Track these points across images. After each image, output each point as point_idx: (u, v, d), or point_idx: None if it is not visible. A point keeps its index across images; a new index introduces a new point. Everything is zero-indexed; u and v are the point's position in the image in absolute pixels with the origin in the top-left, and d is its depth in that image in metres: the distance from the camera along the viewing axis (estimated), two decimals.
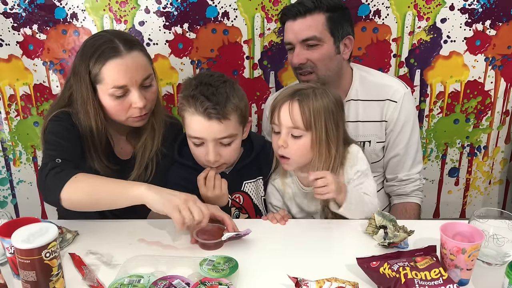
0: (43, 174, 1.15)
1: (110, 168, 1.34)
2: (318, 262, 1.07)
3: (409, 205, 1.55)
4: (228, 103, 1.23)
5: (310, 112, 1.20)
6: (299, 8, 1.41)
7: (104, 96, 1.27)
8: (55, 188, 1.12)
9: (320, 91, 1.23)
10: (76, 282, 1.01)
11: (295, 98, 1.22)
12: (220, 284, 0.92)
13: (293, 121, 1.21)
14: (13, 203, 2.04)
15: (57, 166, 1.15)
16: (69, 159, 1.20)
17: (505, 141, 2.00)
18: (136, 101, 1.26)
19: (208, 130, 1.24)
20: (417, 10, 1.77)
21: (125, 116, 1.30)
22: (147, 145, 1.38)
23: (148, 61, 1.31)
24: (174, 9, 1.75)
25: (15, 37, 1.78)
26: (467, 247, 0.93)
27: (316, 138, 1.22)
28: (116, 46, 1.23)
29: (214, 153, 1.26)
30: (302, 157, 1.25)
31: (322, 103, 1.21)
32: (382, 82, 1.52)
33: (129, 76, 1.24)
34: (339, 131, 1.25)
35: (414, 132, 1.53)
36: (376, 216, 1.16)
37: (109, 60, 1.22)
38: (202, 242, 1.12)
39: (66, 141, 1.24)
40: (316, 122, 1.20)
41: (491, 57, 1.83)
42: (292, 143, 1.23)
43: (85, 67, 1.25)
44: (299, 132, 1.22)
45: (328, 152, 1.23)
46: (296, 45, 1.43)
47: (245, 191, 1.38)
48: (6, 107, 1.89)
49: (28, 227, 0.93)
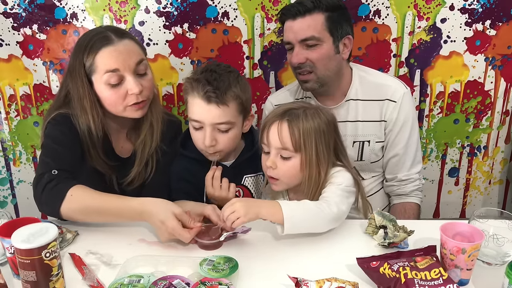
0: (39, 188, 1.16)
1: (110, 166, 1.34)
2: (318, 262, 1.07)
3: (408, 205, 1.55)
4: (229, 90, 1.26)
5: (299, 133, 1.17)
6: (298, 8, 1.41)
7: (100, 86, 1.27)
8: (52, 204, 1.14)
9: (312, 111, 1.21)
10: (76, 282, 1.01)
11: (284, 118, 1.19)
12: (220, 284, 0.92)
13: (282, 142, 1.19)
14: (13, 203, 2.04)
15: (53, 179, 1.16)
16: (66, 168, 1.20)
17: (505, 141, 2.00)
18: (132, 87, 1.26)
19: (206, 113, 1.27)
20: (417, 10, 1.77)
21: (123, 105, 1.29)
22: (146, 141, 1.39)
23: (140, 48, 1.32)
24: (174, 9, 1.75)
25: (15, 37, 1.78)
26: (467, 247, 0.93)
27: (306, 159, 1.19)
28: (107, 36, 1.25)
29: (210, 138, 1.28)
30: (291, 179, 1.23)
31: (313, 124, 1.18)
32: (382, 82, 1.52)
33: (121, 59, 1.25)
34: (329, 153, 1.22)
35: (414, 132, 1.52)
36: (376, 216, 1.16)
37: (102, 48, 1.24)
38: (201, 243, 1.12)
39: (63, 147, 1.25)
40: (306, 143, 1.18)
41: (491, 57, 1.83)
42: (281, 164, 1.21)
43: (79, 61, 1.26)
44: (288, 153, 1.19)
45: (318, 174, 1.20)
46: (295, 44, 1.43)
47: (245, 185, 1.39)
48: (6, 107, 1.89)
49: (28, 227, 0.93)
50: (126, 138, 1.43)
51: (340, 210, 1.13)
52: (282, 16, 1.46)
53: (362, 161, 1.55)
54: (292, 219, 1.08)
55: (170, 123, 1.47)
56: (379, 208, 1.35)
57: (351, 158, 1.54)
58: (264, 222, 1.26)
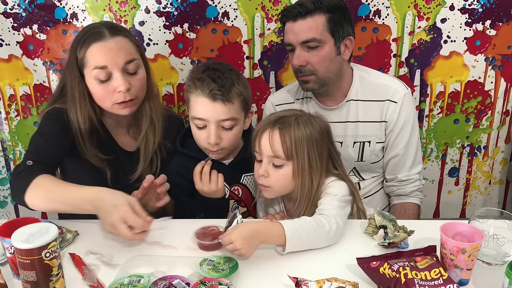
0: (13, 177, 1.19)
1: (102, 159, 1.35)
2: (318, 262, 1.07)
3: (408, 206, 1.55)
4: (233, 87, 1.27)
5: (291, 140, 1.16)
6: (299, 9, 1.40)
7: (90, 81, 1.29)
8: (19, 191, 1.15)
9: (304, 119, 1.20)
10: (76, 282, 1.01)
11: (276, 126, 1.19)
12: (220, 284, 0.92)
13: (273, 150, 1.18)
14: (13, 203, 2.04)
15: (25, 169, 1.17)
16: (42, 160, 1.22)
17: (505, 141, 2.00)
18: (118, 85, 1.27)
19: (212, 111, 1.27)
20: (417, 10, 1.77)
21: (111, 102, 1.31)
22: (148, 137, 1.40)
23: (134, 47, 1.32)
24: (174, 9, 1.75)
25: (15, 37, 1.78)
26: (467, 247, 0.93)
27: (298, 167, 1.18)
28: (101, 31, 1.27)
29: (215, 136, 1.29)
30: (284, 187, 1.22)
31: (305, 132, 1.17)
32: (382, 83, 1.52)
33: (110, 57, 1.26)
34: (322, 161, 1.21)
35: (414, 133, 1.52)
36: (376, 216, 1.16)
37: (92, 44, 1.26)
38: (201, 244, 1.12)
39: (46, 140, 1.26)
40: (297, 151, 1.17)
41: (491, 57, 1.83)
42: (273, 172, 1.20)
43: (73, 54, 1.29)
44: (280, 162, 1.19)
45: (310, 182, 1.20)
46: (296, 46, 1.43)
47: (243, 183, 1.39)
48: (6, 107, 1.89)
49: (28, 227, 0.93)
50: (128, 134, 1.44)
51: (338, 226, 1.12)
52: (283, 18, 1.46)
53: (362, 161, 1.55)
54: (292, 241, 1.06)
55: (172, 119, 1.49)
56: (380, 208, 1.35)
57: (352, 158, 1.54)
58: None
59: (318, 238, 1.10)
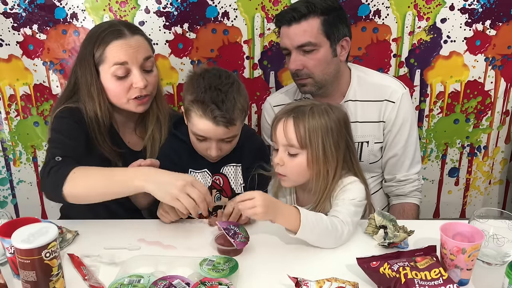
0: (44, 173, 1.18)
1: (118, 152, 1.36)
2: (318, 262, 1.07)
3: (407, 206, 1.55)
4: (236, 109, 1.26)
5: (305, 129, 1.16)
6: (293, 13, 1.39)
7: (106, 77, 1.31)
8: (56, 186, 1.14)
9: (320, 109, 1.19)
10: (76, 282, 1.01)
11: (290, 116, 1.19)
12: (220, 284, 0.92)
13: (287, 139, 1.18)
14: (13, 203, 2.04)
15: (56, 165, 1.17)
16: (71, 155, 1.22)
17: (505, 141, 2.00)
18: (137, 81, 1.30)
19: (214, 132, 1.26)
20: (417, 10, 1.76)
21: (126, 98, 1.33)
22: (155, 136, 1.43)
23: (150, 46, 1.37)
24: (174, 9, 1.75)
25: (15, 37, 1.78)
26: (467, 247, 0.93)
27: (313, 156, 1.18)
28: (120, 29, 1.30)
29: (216, 150, 1.30)
30: (299, 176, 1.22)
31: (320, 121, 1.17)
32: (380, 83, 1.52)
33: (130, 53, 1.29)
34: (338, 151, 1.20)
35: (412, 133, 1.52)
36: (376, 216, 1.16)
37: (113, 41, 1.28)
38: (221, 248, 1.11)
39: (69, 138, 1.27)
40: (312, 140, 1.17)
41: (491, 57, 1.83)
42: (289, 161, 1.20)
43: (90, 50, 1.30)
44: (295, 150, 1.19)
45: (326, 172, 1.20)
46: (292, 50, 1.43)
47: (224, 173, 1.39)
48: (6, 107, 1.89)
49: (28, 227, 0.93)
50: (134, 132, 1.46)
51: (349, 232, 1.14)
52: (277, 22, 1.45)
53: (361, 161, 1.54)
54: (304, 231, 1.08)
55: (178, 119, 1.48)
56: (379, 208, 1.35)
57: None
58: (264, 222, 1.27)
59: (328, 238, 1.12)
